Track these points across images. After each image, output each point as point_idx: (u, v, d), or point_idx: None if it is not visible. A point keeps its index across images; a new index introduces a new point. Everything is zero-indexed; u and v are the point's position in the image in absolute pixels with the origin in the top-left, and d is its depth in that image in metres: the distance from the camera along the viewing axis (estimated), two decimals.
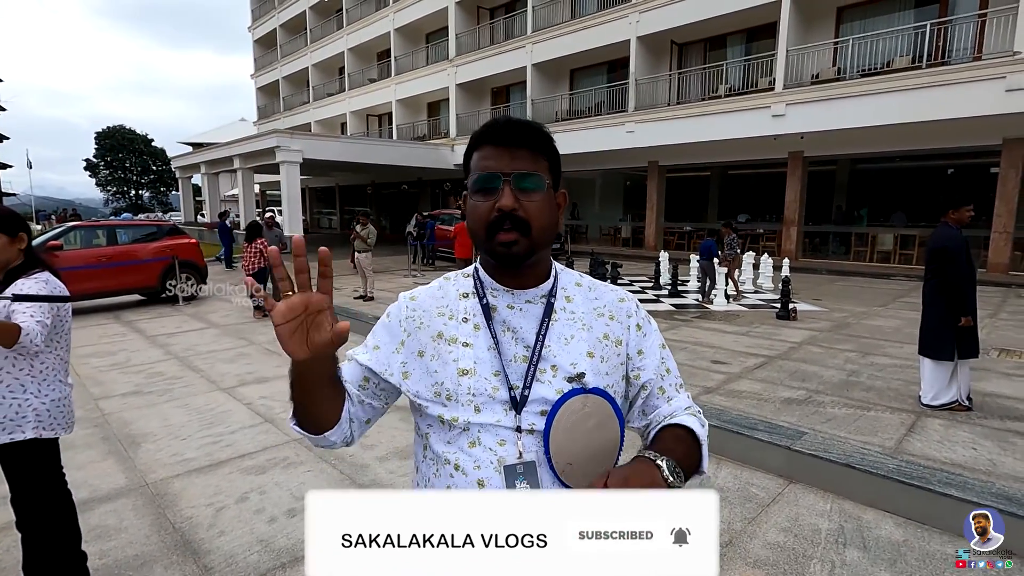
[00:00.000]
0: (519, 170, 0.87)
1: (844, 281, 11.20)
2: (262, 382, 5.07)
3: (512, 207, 0.85)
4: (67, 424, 2.07)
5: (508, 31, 19.66)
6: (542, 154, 0.90)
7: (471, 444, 0.85)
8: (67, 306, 2.05)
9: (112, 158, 54.96)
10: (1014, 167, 10.94)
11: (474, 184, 0.89)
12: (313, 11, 28.22)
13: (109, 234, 9.07)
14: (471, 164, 0.92)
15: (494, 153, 0.88)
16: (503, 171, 0.86)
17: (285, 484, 3.14)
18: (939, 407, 3.92)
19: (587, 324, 0.94)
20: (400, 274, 12.92)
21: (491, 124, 0.90)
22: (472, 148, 0.92)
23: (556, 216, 0.93)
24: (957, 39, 11.20)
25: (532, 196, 0.87)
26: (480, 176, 0.88)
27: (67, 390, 2.08)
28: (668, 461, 0.81)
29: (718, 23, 14.33)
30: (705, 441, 0.94)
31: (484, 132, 0.90)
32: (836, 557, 2.44)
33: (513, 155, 0.87)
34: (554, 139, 0.93)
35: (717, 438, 3.45)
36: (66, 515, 2.13)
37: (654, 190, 16.89)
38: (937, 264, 3.92)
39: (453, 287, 0.96)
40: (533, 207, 0.87)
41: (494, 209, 0.86)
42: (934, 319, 3.98)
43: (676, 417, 0.96)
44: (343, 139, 21.88)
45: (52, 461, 2.08)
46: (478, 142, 0.91)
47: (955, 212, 3.94)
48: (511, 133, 0.88)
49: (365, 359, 0.95)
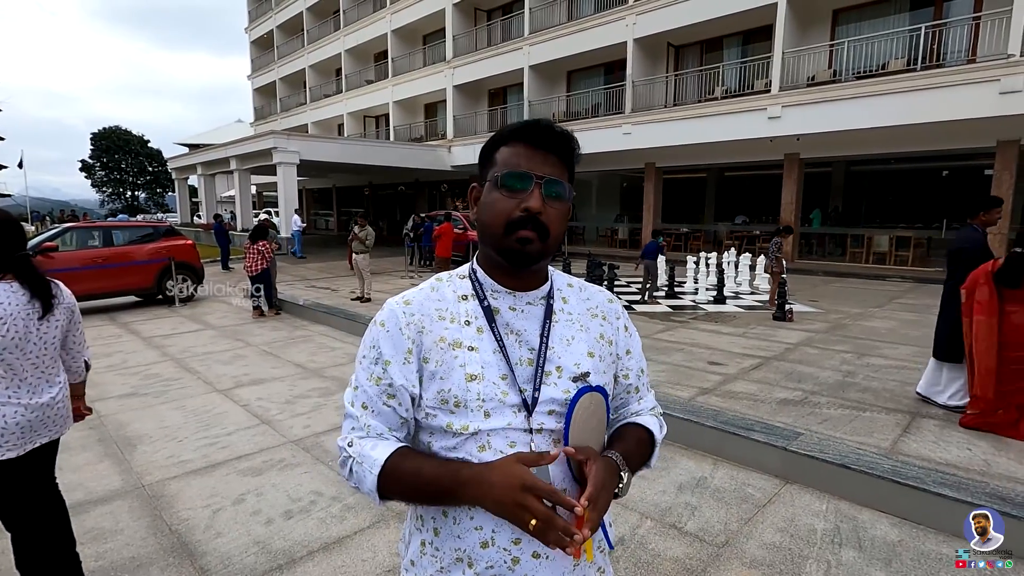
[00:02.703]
0: (552, 176, 0.87)
1: (840, 282, 11.24)
2: (259, 383, 5.06)
3: (539, 209, 0.85)
4: (12, 444, 1.89)
5: (505, 33, 19.69)
6: (568, 165, 0.91)
7: (480, 448, 0.85)
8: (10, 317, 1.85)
9: (108, 159, 54.76)
10: (1008, 169, 11.01)
11: (504, 178, 0.86)
12: (310, 12, 28.21)
13: (105, 235, 9.05)
14: (496, 157, 0.90)
15: (529, 153, 0.87)
16: (536, 173, 0.86)
17: (282, 486, 3.14)
18: (955, 408, 3.91)
19: (584, 325, 0.95)
20: (397, 275, 12.91)
21: (531, 124, 0.89)
22: (501, 142, 0.90)
23: (565, 227, 0.93)
24: (952, 42, 11.27)
25: (556, 204, 0.87)
26: (511, 172, 0.86)
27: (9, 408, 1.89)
28: (627, 476, 0.89)
29: (714, 25, 14.39)
30: (660, 443, 1.02)
31: (521, 130, 0.89)
32: (832, 557, 2.45)
33: (546, 160, 0.87)
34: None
35: (713, 439, 3.47)
36: (58, 519, 2.11)
37: (651, 191, 16.92)
38: (955, 266, 3.93)
39: (449, 289, 0.93)
40: (555, 214, 0.87)
41: (519, 208, 0.85)
42: (951, 321, 3.95)
43: (640, 416, 1.02)
44: (340, 140, 21.87)
45: (17, 479, 1.95)
46: (512, 138, 0.89)
47: (986, 214, 3.95)
48: (549, 138, 0.88)
49: (395, 404, 0.88)
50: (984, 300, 3.60)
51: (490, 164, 0.91)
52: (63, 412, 2.07)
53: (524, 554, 0.85)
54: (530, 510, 0.74)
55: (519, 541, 0.85)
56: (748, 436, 3.33)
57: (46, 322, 1.95)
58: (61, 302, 2.01)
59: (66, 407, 2.09)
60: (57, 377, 2.05)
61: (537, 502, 0.74)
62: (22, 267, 1.91)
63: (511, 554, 0.85)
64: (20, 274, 1.90)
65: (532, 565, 0.85)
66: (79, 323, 2.14)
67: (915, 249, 12.71)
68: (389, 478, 0.83)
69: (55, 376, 2.04)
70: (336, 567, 2.41)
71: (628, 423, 1.01)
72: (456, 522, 0.86)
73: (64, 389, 2.08)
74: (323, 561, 2.46)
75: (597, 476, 0.80)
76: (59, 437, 2.10)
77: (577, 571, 0.91)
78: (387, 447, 0.86)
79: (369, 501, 2.94)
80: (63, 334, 2.05)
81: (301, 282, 11.80)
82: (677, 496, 2.99)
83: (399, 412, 0.88)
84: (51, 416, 2.00)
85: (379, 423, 0.88)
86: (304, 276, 12.89)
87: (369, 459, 0.85)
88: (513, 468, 0.77)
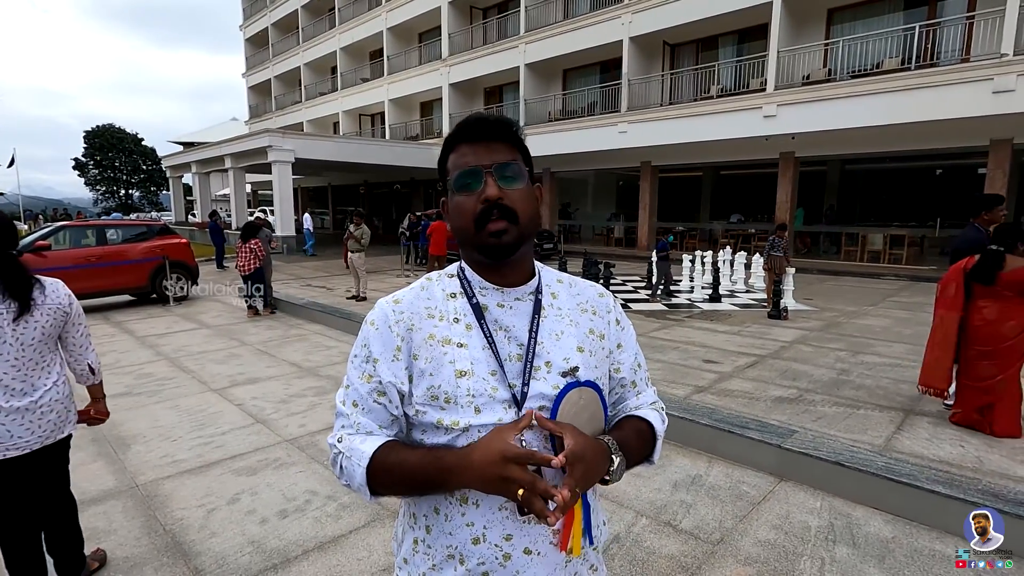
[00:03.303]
0: (499, 161, 0.88)
1: (834, 280, 11.29)
2: (253, 383, 5.04)
3: (498, 196, 0.86)
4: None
5: (501, 31, 19.66)
6: (516, 147, 0.92)
7: None
8: None
9: (101, 157, 54.36)
10: (1001, 168, 11.07)
11: (457, 181, 0.89)
12: (305, 10, 28.09)
13: (98, 234, 8.99)
14: (448, 166, 0.92)
15: (471, 149, 0.89)
16: (483, 164, 0.87)
17: (276, 485, 3.13)
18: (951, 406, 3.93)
19: (574, 320, 0.95)
20: (393, 274, 12.89)
21: (463, 123, 0.91)
22: (447, 150, 0.93)
23: (538, 207, 0.94)
24: (945, 41, 11.32)
25: (514, 185, 0.88)
26: (462, 172, 0.88)
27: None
28: (620, 461, 0.86)
29: (710, 24, 14.41)
30: (661, 436, 0.99)
31: (457, 132, 0.91)
32: (826, 554, 2.46)
33: (490, 148, 0.89)
34: (524, 133, 0.95)
35: (708, 436, 3.48)
36: (57, 526, 2.17)
37: (647, 190, 16.94)
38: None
39: (438, 287, 0.94)
40: (517, 195, 0.88)
41: (480, 201, 0.87)
42: None
43: (640, 410, 1.01)
44: (335, 139, 21.80)
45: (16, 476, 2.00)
46: (453, 142, 0.92)
47: (988, 213, 3.97)
48: (485, 128, 0.90)
49: (386, 401, 0.88)
50: (950, 297, 3.69)
51: (446, 174, 0.93)
52: (51, 417, 2.00)
53: (515, 550, 0.85)
54: (514, 479, 0.75)
55: (510, 537, 0.85)
56: (743, 434, 3.34)
57: (23, 323, 1.89)
58: (43, 303, 1.94)
59: (57, 412, 2.03)
60: (44, 380, 1.98)
61: (520, 470, 0.75)
62: (5, 268, 1.87)
63: (502, 550, 0.85)
64: (4, 274, 1.87)
65: (523, 561, 0.86)
66: (78, 324, 2.09)
67: (909, 247, 12.77)
68: (377, 471, 0.84)
69: (41, 379, 1.98)
70: (331, 566, 2.41)
71: (627, 416, 1.01)
72: (448, 519, 0.87)
73: (54, 393, 2.01)
74: (318, 560, 2.45)
75: (574, 441, 0.80)
76: (53, 443, 2.04)
77: (568, 568, 0.91)
78: (375, 441, 0.86)
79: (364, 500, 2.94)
80: (50, 335, 1.99)
81: (296, 281, 11.76)
82: (672, 494, 3.00)
83: (389, 409, 0.88)
84: (34, 419, 1.94)
85: (369, 420, 0.88)
86: (299, 275, 12.85)
87: (358, 452, 0.85)
88: (492, 444, 0.78)
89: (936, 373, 3.72)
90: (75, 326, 2.07)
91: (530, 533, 0.86)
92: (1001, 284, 3.44)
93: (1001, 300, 3.48)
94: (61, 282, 2.06)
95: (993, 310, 3.50)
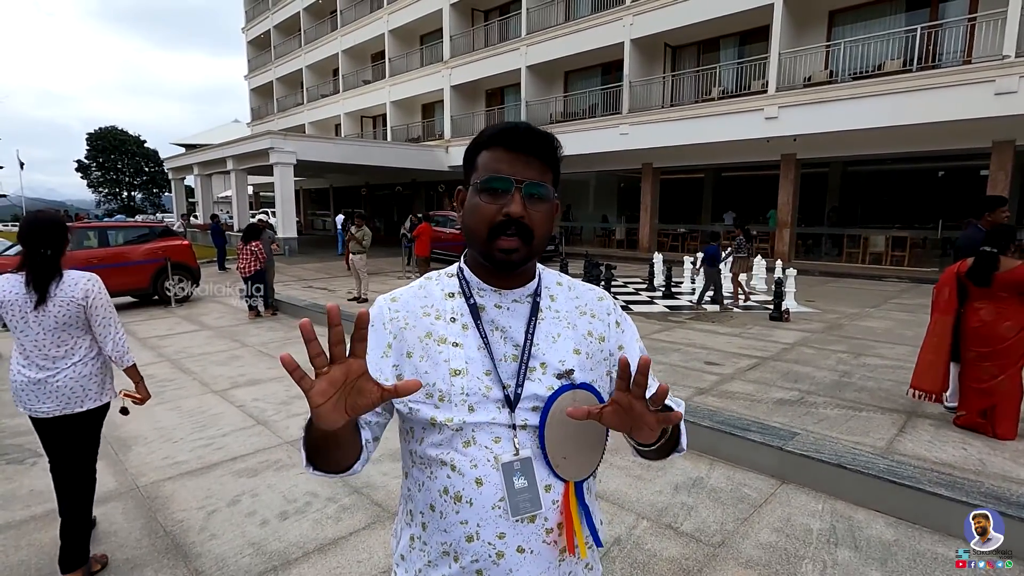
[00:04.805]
0: (531, 179, 0.87)
1: (836, 282, 11.27)
2: (254, 384, 5.05)
3: (520, 214, 0.85)
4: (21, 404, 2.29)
5: (503, 33, 19.68)
6: (550, 166, 0.91)
7: (465, 444, 0.86)
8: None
9: (104, 159, 54.51)
10: (1003, 169, 11.05)
11: (484, 183, 0.87)
12: (307, 12, 28.16)
13: (100, 235, 9.01)
14: (478, 161, 0.90)
15: (508, 157, 0.87)
16: (516, 177, 0.86)
17: (277, 487, 3.13)
18: (954, 408, 3.92)
19: (571, 322, 0.95)
20: (394, 275, 12.90)
21: (510, 128, 0.88)
22: (482, 146, 0.90)
23: (552, 224, 0.93)
24: (947, 43, 11.30)
25: (539, 206, 0.87)
26: (491, 177, 0.87)
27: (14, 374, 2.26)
28: (671, 429, 0.88)
29: (711, 26, 14.41)
30: (682, 419, 0.97)
31: (500, 134, 0.89)
32: (828, 557, 2.45)
33: (527, 163, 0.87)
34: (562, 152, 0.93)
35: (710, 439, 3.47)
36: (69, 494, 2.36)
37: (648, 192, 16.94)
38: None
39: (437, 287, 0.95)
40: (538, 217, 0.87)
41: (500, 213, 0.85)
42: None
43: None
44: (337, 141, 21.81)
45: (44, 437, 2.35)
46: (491, 142, 0.89)
47: (991, 214, 3.96)
48: (529, 141, 0.88)
49: None
50: (944, 300, 3.70)
51: (473, 168, 0.91)
52: (67, 392, 2.26)
53: (508, 548, 0.85)
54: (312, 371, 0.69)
55: (504, 535, 0.85)
56: (744, 436, 3.33)
57: (42, 311, 2.20)
58: (57, 295, 2.22)
59: (72, 389, 2.26)
60: (65, 360, 2.26)
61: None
62: (34, 263, 2.20)
63: (495, 548, 0.85)
64: (31, 268, 2.20)
65: (516, 560, 0.86)
66: (99, 315, 2.31)
67: (911, 249, 12.75)
68: (306, 442, 0.83)
69: (62, 359, 2.25)
70: (331, 568, 2.40)
71: None
72: (443, 516, 0.87)
73: (72, 372, 2.26)
74: (318, 562, 2.45)
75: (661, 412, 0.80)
76: (71, 414, 2.27)
77: (563, 567, 0.90)
78: None
79: (365, 502, 2.95)
80: (68, 323, 2.25)
81: (298, 282, 11.78)
82: (673, 496, 2.99)
83: None
84: (49, 392, 2.23)
85: None
86: (301, 276, 12.87)
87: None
88: None
89: (928, 376, 3.71)
90: (95, 317, 2.30)
91: (523, 532, 0.86)
92: (997, 285, 3.45)
93: (997, 301, 3.48)
94: (86, 278, 2.30)
95: (990, 311, 3.51)
